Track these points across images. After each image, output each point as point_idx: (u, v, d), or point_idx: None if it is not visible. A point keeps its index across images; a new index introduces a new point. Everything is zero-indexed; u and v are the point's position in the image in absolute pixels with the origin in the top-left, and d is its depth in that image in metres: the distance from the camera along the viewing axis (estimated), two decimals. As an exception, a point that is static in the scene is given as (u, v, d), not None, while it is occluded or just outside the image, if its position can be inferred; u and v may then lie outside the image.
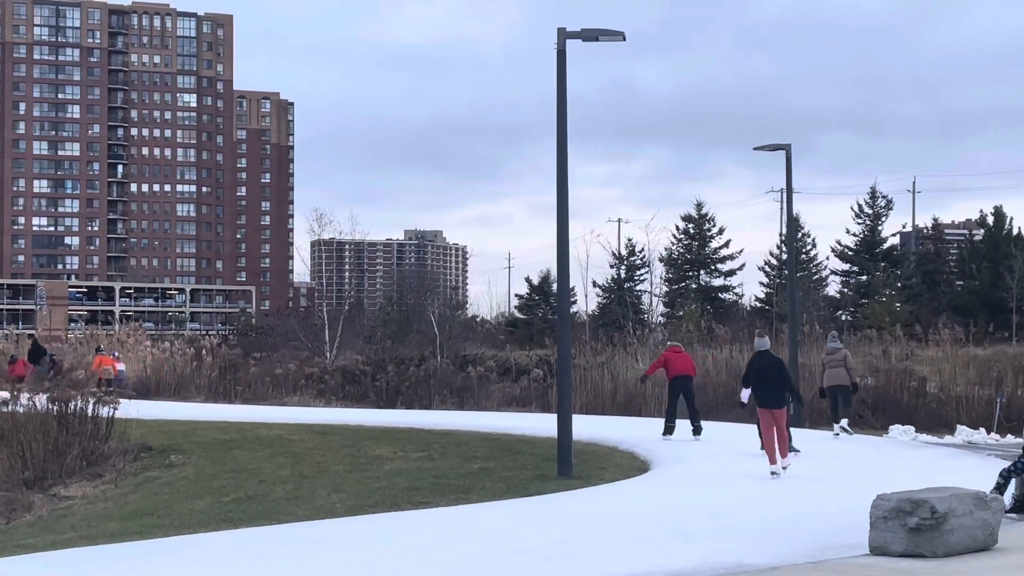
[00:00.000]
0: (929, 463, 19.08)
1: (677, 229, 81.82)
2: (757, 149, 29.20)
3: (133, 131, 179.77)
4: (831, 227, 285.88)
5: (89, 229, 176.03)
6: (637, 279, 79.76)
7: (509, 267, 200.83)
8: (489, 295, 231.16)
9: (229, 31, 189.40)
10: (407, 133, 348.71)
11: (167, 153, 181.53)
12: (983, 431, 27.59)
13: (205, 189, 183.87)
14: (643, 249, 79.02)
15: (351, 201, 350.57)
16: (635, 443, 21.58)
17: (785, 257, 60.36)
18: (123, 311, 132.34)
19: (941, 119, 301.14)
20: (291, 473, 19.22)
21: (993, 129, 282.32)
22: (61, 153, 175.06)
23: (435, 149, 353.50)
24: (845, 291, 79.48)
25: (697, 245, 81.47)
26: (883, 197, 79.87)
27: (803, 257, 76.13)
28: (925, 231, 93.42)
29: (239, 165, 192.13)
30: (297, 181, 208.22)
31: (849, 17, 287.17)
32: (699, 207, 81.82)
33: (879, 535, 10.27)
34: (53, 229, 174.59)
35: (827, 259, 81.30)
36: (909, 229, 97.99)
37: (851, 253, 79.58)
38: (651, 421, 26.46)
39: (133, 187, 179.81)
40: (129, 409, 22.73)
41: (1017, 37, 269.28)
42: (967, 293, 75.38)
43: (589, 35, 18.28)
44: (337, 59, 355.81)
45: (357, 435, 23.37)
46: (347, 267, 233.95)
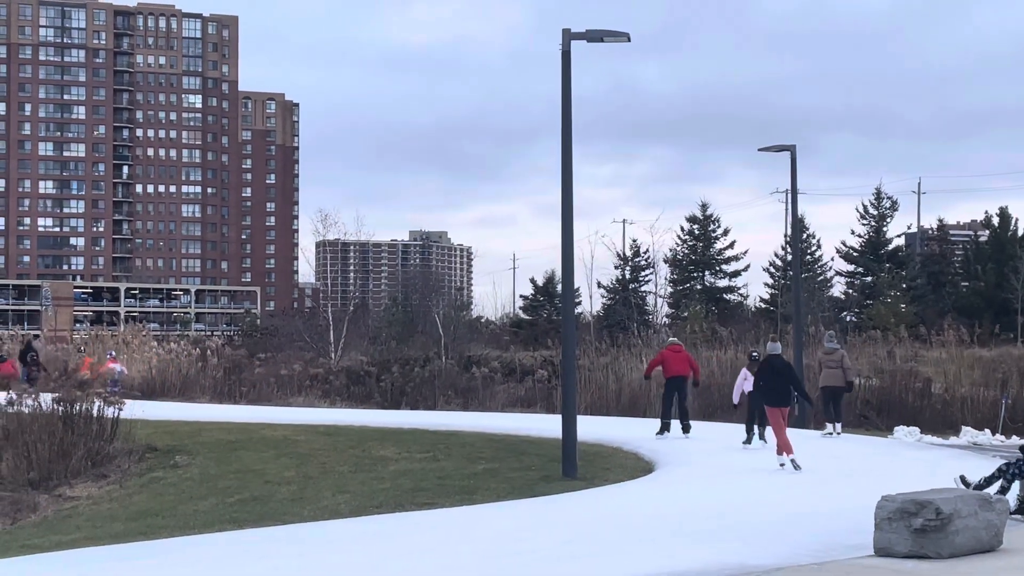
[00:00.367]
0: (934, 464, 19.07)
1: (682, 230, 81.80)
2: (762, 150, 29.28)
3: (138, 132, 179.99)
4: (834, 228, 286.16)
5: (94, 230, 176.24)
6: (642, 280, 79.71)
7: (514, 268, 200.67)
8: (494, 296, 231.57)
9: (234, 32, 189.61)
10: (411, 134, 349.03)
11: (172, 154, 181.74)
12: (988, 432, 27.59)
13: (210, 190, 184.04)
14: (648, 250, 78.81)
15: (356, 202, 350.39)
16: (639, 444, 21.63)
17: (790, 258, 60.28)
18: (128, 312, 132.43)
19: (945, 120, 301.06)
20: (296, 474, 19.24)
21: (997, 130, 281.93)
22: (67, 154, 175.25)
23: (439, 150, 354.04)
24: (850, 292, 79.37)
25: (702, 246, 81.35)
26: (888, 198, 79.76)
27: (808, 258, 76.05)
28: (930, 232, 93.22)
29: (244, 166, 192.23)
30: (302, 182, 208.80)
31: (853, 18, 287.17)
32: (704, 208, 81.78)
33: (884, 536, 10.27)
34: (58, 230, 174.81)
35: (832, 260, 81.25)
36: (914, 230, 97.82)
37: (856, 254, 79.42)
38: (655, 422, 26.35)
39: (138, 188, 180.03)
40: (134, 410, 22.78)
41: (1021, 38, 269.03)
42: (972, 294, 75.22)
43: (594, 36, 18.30)
44: (342, 60, 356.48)
45: (362, 436, 23.38)
46: (352, 268, 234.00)
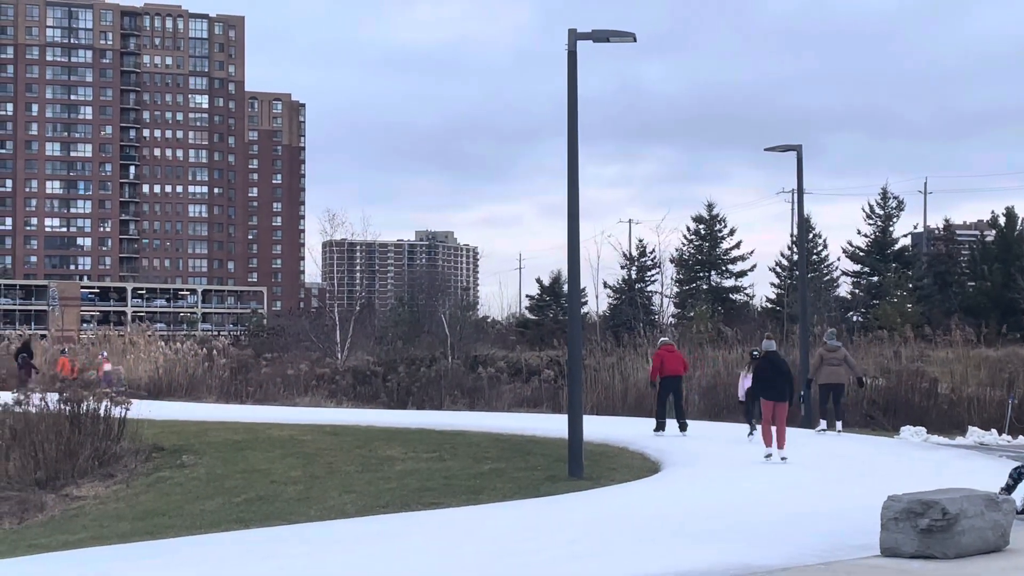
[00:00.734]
0: (940, 464, 19.06)
1: (688, 230, 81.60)
2: (768, 150, 29.26)
3: (145, 132, 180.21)
4: (839, 228, 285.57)
5: (101, 230, 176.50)
6: (648, 280, 79.54)
7: (520, 268, 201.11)
8: (500, 296, 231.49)
9: (241, 32, 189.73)
10: (416, 134, 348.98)
11: (179, 154, 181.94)
12: (995, 432, 27.53)
13: (217, 190, 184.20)
14: (654, 250, 78.62)
15: (362, 202, 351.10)
16: (645, 444, 21.62)
17: (796, 258, 60.24)
18: (135, 312, 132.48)
19: (946, 120, 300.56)
20: (302, 474, 19.26)
21: (998, 131, 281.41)
22: (74, 154, 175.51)
23: (445, 150, 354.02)
24: (856, 292, 79.19)
25: (708, 246, 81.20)
26: (894, 198, 79.51)
27: (814, 258, 75.88)
28: (936, 232, 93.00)
29: (251, 166, 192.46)
30: (308, 182, 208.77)
31: (854, 18, 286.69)
32: (710, 208, 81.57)
33: (890, 536, 10.26)
34: (65, 230, 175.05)
35: (838, 260, 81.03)
36: (920, 230, 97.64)
37: (862, 254, 79.26)
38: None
39: (145, 188, 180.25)
40: (141, 409, 22.82)
41: (1021, 38, 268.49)
42: (979, 294, 75.02)
43: (600, 36, 18.27)
44: (347, 60, 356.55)
45: (368, 436, 23.40)
46: (358, 268, 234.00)
